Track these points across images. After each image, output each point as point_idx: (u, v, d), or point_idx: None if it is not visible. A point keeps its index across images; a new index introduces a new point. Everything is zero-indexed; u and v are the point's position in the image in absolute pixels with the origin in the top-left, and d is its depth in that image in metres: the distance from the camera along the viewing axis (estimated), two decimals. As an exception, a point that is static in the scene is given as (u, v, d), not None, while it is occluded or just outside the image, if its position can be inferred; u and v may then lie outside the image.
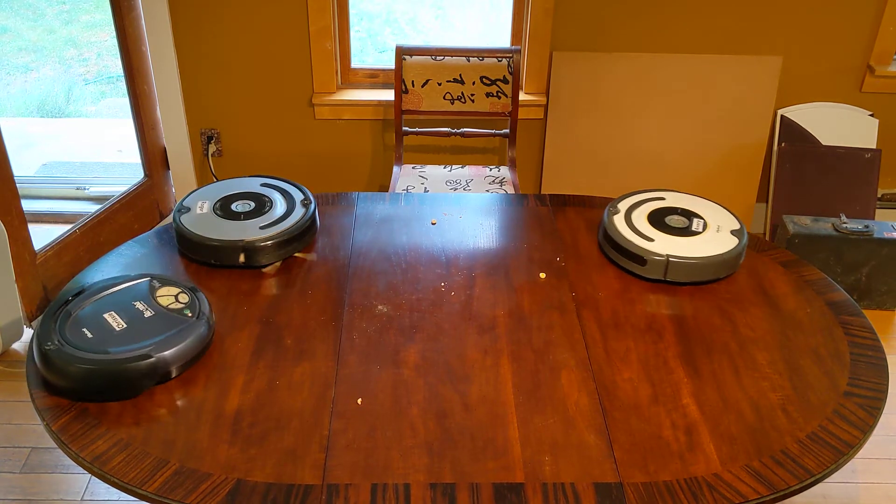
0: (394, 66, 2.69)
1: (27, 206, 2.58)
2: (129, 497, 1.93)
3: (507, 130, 2.75)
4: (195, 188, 3.11)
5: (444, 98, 2.70)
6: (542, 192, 2.80)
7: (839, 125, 2.94)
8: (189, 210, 1.82)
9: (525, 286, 1.71)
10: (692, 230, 1.77)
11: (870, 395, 1.43)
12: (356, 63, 2.99)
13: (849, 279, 2.72)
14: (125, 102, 4.77)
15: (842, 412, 1.40)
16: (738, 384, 1.45)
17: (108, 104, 4.80)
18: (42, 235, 2.64)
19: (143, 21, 2.80)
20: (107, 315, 1.45)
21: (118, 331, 1.42)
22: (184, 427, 1.33)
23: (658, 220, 1.81)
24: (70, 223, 2.85)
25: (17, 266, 2.45)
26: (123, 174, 3.57)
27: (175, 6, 2.77)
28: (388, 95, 2.93)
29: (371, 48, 5.23)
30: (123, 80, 3.28)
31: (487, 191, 2.60)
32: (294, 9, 2.78)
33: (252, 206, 1.82)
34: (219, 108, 2.97)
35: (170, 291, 1.52)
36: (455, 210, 2.00)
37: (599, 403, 1.40)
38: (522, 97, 2.92)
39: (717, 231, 1.77)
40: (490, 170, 2.75)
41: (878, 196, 3.12)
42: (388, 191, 2.87)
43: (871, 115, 2.94)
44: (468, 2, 5.66)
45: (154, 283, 1.54)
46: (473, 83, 2.68)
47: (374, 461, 1.28)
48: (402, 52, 2.66)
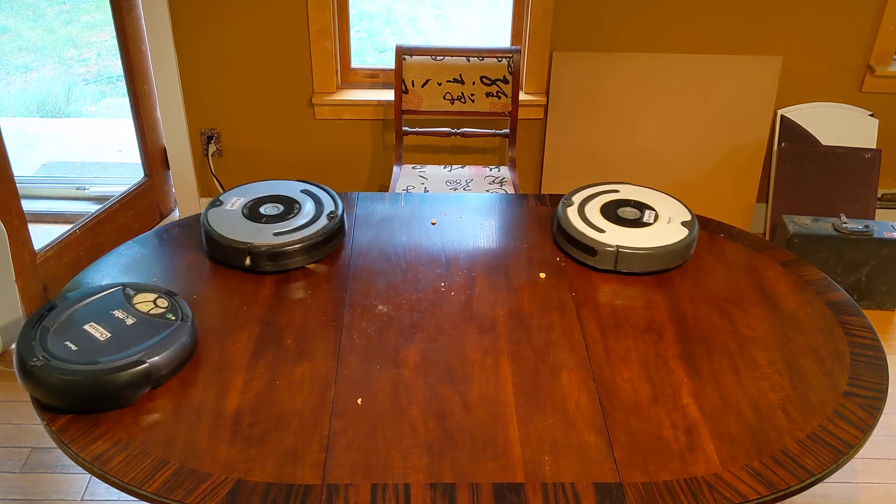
0: (394, 66, 2.69)
1: (27, 206, 2.58)
2: (129, 497, 1.93)
3: (507, 130, 2.75)
4: (195, 188, 3.11)
5: (444, 98, 2.70)
6: (542, 192, 2.80)
7: (839, 125, 2.94)
8: (222, 204, 1.82)
9: (525, 286, 1.71)
10: (643, 221, 1.81)
11: (870, 395, 1.43)
12: (356, 63, 2.99)
13: (849, 279, 2.72)
14: (125, 102, 4.77)
15: (842, 412, 1.40)
16: (738, 384, 1.45)
17: (108, 104, 4.80)
18: (42, 235, 2.64)
19: (143, 21, 2.80)
20: (87, 327, 1.43)
21: (103, 340, 1.40)
22: (184, 427, 1.33)
23: (611, 213, 1.85)
24: (70, 223, 2.85)
25: (17, 266, 2.45)
26: (123, 174, 3.57)
27: (175, 6, 2.77)
28: (388, 95, 2.93)
29: (371, 48, 5.23)
30: (123, 80, 3.29)
31: (487, 191, 2.60)
32: (294, 9, 2.78)
33: (279, 211, 1.81)
34: (219, 108, 2.97)
35: (146, 298, 1.51)
36: (455, 210, 2.00)
37: (599, 403, 1.40)
38: (522, 97, 2.92)
39: (668, 222, 1.81)
40: (490, 170, 2.75)
41: (878, 196, 3.12)
42: (388, 191, 2.87)
43: (871, 115, 2.94)
44: (468, 2, 5.66)
45: (128, 291, 1.52)
46: (473, 83, 2.68)
47: (374, 461, 1.28)
48: (402, 52, 2.66)
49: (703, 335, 1.57)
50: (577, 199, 1.89)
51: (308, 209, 1.82)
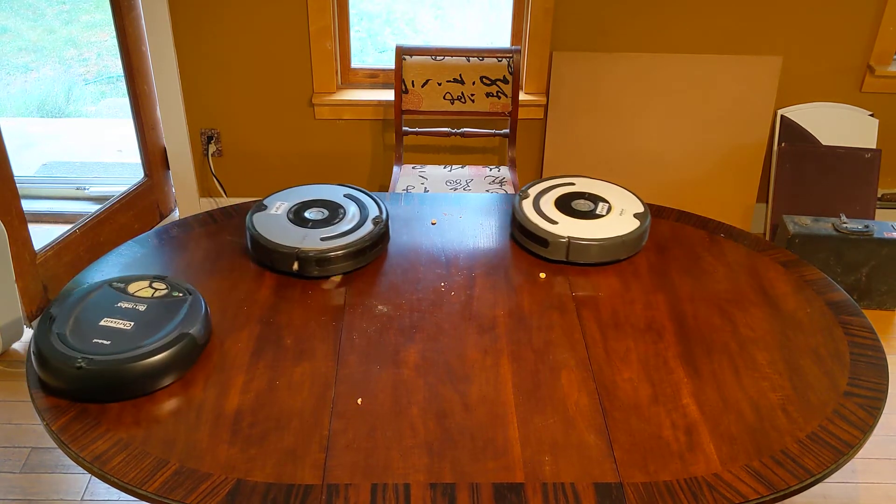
0: (394, 66, 2.69)
1: (27, 206, 2.58)
2: (129, 497, 1.93)
3: (507, 130, 2.75)
4: (195, 188, 3.11)
5: (444, 98, 2.70)
6: (542, 192, 2.79)
7: (839, 125, 2.94)
8: (266, 208, 1.81)
9: (525, 286, 1.71)
10: (596, 213, 1.84)
11: (870, 395, 1.43)
12: (356, 63, 2.99)
13: (849, 279, 2.72)
14: (125, 102, 4.77)
15: (842, 412, 1.40)
16: (738, 384, 1.45)
17: (108, 104, 4.80)
18: (42, 235, 2.64)
19: (143, 21, 2.80)
20: (103, 323, 1.42)
21: (130, 329, 1.41)
22: (184, 427, 1.33)
23: (565, 205, 1.88)
24: (70, 223, 2.85)
25: (17, 266, 2.45)
26: (123, 174, 3.57)
27: (175, 6, 2.77)
28: (388, 95, 2.93)
29: (371, 48, 5.23)
30: (123, 80, 3.29)
31: (487, 191, 2.60)
32: (294, 9, 2.78)
33: (324, 215, 1.80)
34: (219, 108, 2.97)
35: (141, 285, 1.52)
36: (455, 210, 2.00)
37: (599, 403, 1.40)
38: (522, 97, 2.92)
39: (621, 214, 1.84)
40: (490, 170, 2.75)
41: (878, 196, 3.12)
42: (388, 191, 2.87)
43: (871, 115, 2.94)
44: (468, 2, 5.66)
45: (117, 284, 1.52)
46: (473, 83, 2.68)
47: (374, 461, 1.28)
48: (402, 52, 2.66)
49: (703, 335, 1.57)
50: (533, 192, 1.92)
51: (352, 214, 1.81)
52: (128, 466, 1.26)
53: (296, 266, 1.68)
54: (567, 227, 1.79)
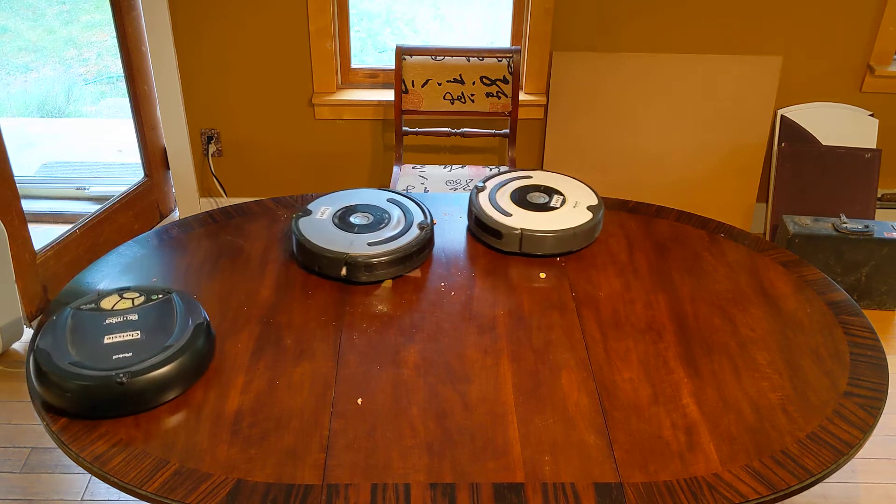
0: (394, 66, 2.69)
1: (27, 206, 2.58)
2: (129, 497, 1.93)
3: (507, 130, 2.75)
4: (195, 188, 3.11)
5: (444, 98, 2.70)
6: (542, 192, 2.79)
7: (839, 125, 2.94)
8: (310, 213, 1.81)
9: (525, 286, 1.71)
10: (550, 206, 1.87)
11: (870, 395, 1.43)
12: (356, 63, 2.99)
13: (849, 279, 2.72)
14: (125, 102, 4.77)
15: (842, 412, 1.40)
16: (738, 384, 1.45)
17: (108, 104, 4.80)
18: (42, 235, 2.64)
19: (143, 21, 2.80)
20: (108, 341, 1.39)
21: (142, 337, 1.39)
22: (184, 427, 1.33)
23: (520, 198, 1.90)
24: (70, 223, 2.85)
25: (17, 266, 2.45)
26: (123, 174, 3.57)
27: (175, 6, 2.77)
28: (388, 95, 2.93)
29: (371, 48, 5.23)
30: (123, 80, 3.29)
31: (487, 191, 2.60)
32: (294, 9, 2.78)
33: (369, 221, 1.79)
34: (219, 108, 2.97)
35: (112, 300, 1.48)
36: (455, 210, 2.00)
37: (599, 403, 1.40)
38: (522, 97, 2.92)
39: (574, 206, 1.87)
40: (490, 170, 2.75)
41: (878, 196, 3.12)
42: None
43: (871, 115, 2.94)
44: (468, 2, 5.66)
45: (86, 306, 1.46)
46: (473, 83, 2.68)
47: (374, 461, 1.28)
48: (402, 52, 2.66)
49: (704, 335, 1.57)
50: (490, 185, 1.94)
51: (397, 219, 1.80)
52: (128, 466, 1.26)
53: (344, 271, 1.67)
54: (521, 220, 1.81)
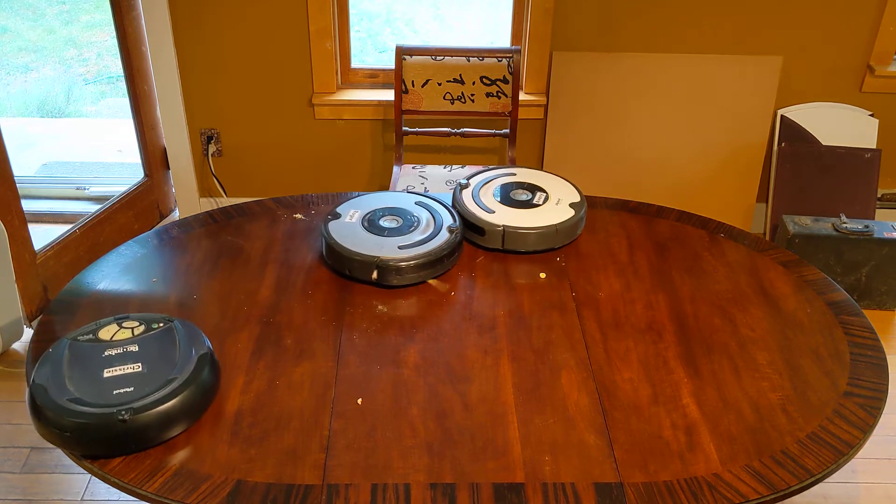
0: (394, 66, 2.69)
1: (27, 206, 2.58)
2: (129, 497, 1.93)
3: (507, 130, 2.75)
4: (195, 188, 3.11)
5: (444, 98, 2.70)
6: (542, 192, 2.79)
7: (839, 125, 2.94)
8: (339, 217, 1.81)
9: (525, 286, 1.71)
10: (533, 203, 1.88)
11: (870, 395, 1.43)
12: (356, 63, 2.99)
13: (849, 279, 2.72)
14: (125, 102, 4.77)
15: (842, 412, 1.40)
16: (738, 384, 1.45)
17: (108, 104, 4.80)
18: (42, 235, 2.64)
19: (143, 21, 2.80)
20: (108, 374, 1.32)
21: (144, 370, 1.33)
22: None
23: (504, 195, 1.91)
24: (70, 223, 2.85)
25: (17, 266, 2.45)
26: (123, 174, 3.57)
27: (175, 6, 2.77)
28: (388, 95, 2.93)
29: (371, 48, 5.23)
30: (123, 80, 3.29)
31: (487, 191, 2.60)
32: (294, 9, 2.78)
33: (398, 224, 1.79)
34: (219, 108, 2.97)
35: (111, 329, 1.42)
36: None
37: (599, 403, 1.40)
38: (522, 97, 2.91)
39: (557, 204, 1.88)
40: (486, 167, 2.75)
41: (878, 196, 3.12)
42: (388, 191, 2.86)
43: (871, 115, 2.94)
44: (468, 2, 5.66)
45: (83, 337, 1.40)
46: (473, 83, 2.68)
47: (374, 461, 1.28)
48: (402, 52, 2.65)
49: (704, 335, 1.57)
50: (474, 182, 1.95)
51: (426, 222, 1.80)
52: (128, 467, 1.26)
53: (375, 275, 1.67)
54: (503, 217, 1.82)
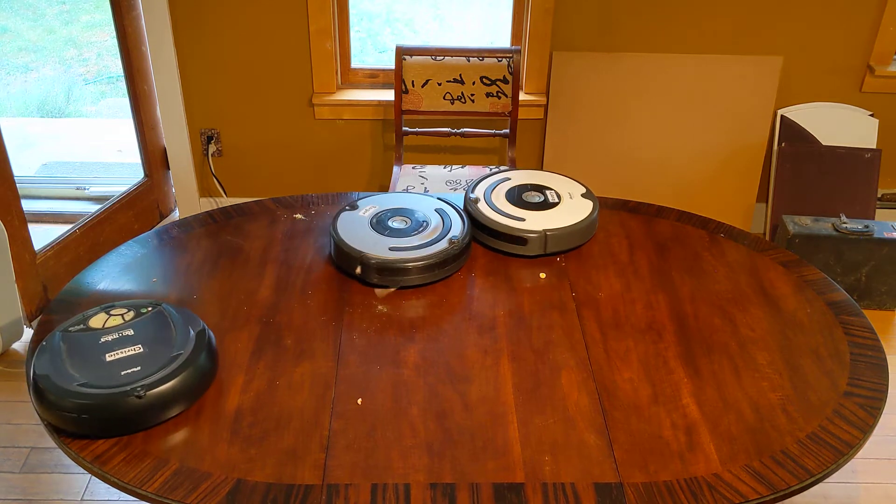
0: (394, 66, 2.69)
1: (27, 206, 2.58)
2: (129, 497, 1.93)
3: (507, 130, 2.75)
4: (195, 188, 3.11)
5: (444, 98, 2.70)
6: (542, 192, 2.79)
7: (839, 125, 2.94)
8: (356, 209, 1.81)
9: (525, 286, 1.71)
10: (550, 202, 1.87)
11: (870, 395, 1.43)
12: (356, 63, 2.99)
13: (849, 279, 2.72)
14: (125, 102, 4.77)
15: (842, 412, 1.40)
16: (738, 384, 1.45)
17: (108, 104, 4.80)
18: (42, 235, 2.64)
19: (143, 21, 2.80)
20: (110, 357, 1.34)
21: (145, 350, 1.36)
22: (183, 427, 1.33)
23: (518, 200, 1.89)
24: (70, 223, 2.85)
25: (17, 266, 2.45)
26: (123, 174, 3.57)
27: (175, 6, 2.77)
28: (388, 95, 2.93)
29: (371, 48, 5.23)
30: (123, 80, 3.29)
31: (487, 191, 2.60)
32: (294, 9, 2.78)
33: (406, 225, 1.77)
34: (219, 108, 2.97)
35: (101, 318, 1.43)
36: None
37: (599, 403, 1.40)
38: (522, 97, 2.92)
39: (571, 198, 1.88)
40: (489, 169, 2.75)
41: (878, 196, 3.12)
42: (388, 191, 2.87)
43: (871, 115, 2.94)
44: (468, 2, 5.66)
45: (73, 328, 1.41)
46: (473, 83, 2.68)
47: (374, 461, 1.28)
48: (402, 52, 2.65)
49: (704, 335, 1.57)
50: (480, 193, 1.91)
51: (433, 229, 1.77)
52: (128, 466, 1.26)
53: (358, 270, 1.67)
54: (536, 221, 1.81)
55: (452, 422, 1.36)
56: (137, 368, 1.33)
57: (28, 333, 2.53)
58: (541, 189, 1.92)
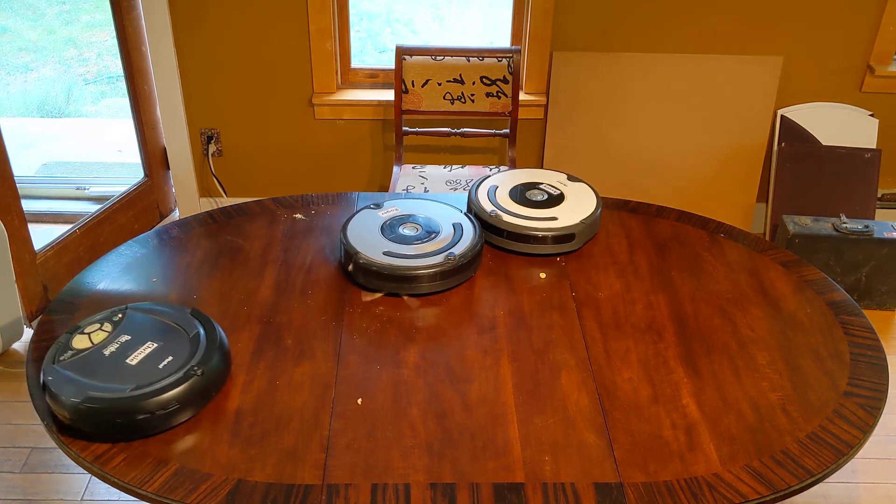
0: (394, 66, 2.69)
1: (27, 206, 2.58)
2: (129, 497, 1.93)
3: (507, 130, 2.75)
4: (195, 188, 3.11)
5: (444, 98, 2.70)
6: (542, 192, 2.79)
7: (839, 125, 2.94)
8: (379, 208, 1.81)
9: (525, 286, 1.71)
10: (556, 197, 1.87)
11: (870, 395, 1.43)
12: (356, 63, 2.99)
13: (849, 279, 2.72)
14: (125, 102, 4.77)
15: (842, 412, 1.40)
16: (738, 384, 1.45)
17: (108, 104, 4.80)
18: (42, 235, 2.64)
19: (143, 21, 2.80)
20: (130, 361, 1.35)
21: (163, 344, 1.38)
22: (183, 427, 1.33)
23: (523, 200, 1.88)
24: (70, 223, 2.85)
25: (17, 266, 2.45)
26: (123, 174, 3.57)
27: (175, 6, 2.77)
28: (388, 95, 2.93)
29: (371, 48, 5.23)
30: (123, 80, 3.29)
31: (487, 191, 2.60)
32: (294, 9, 2.78)
33: (416, 233, 1.74)
34: (219, 108, 2.97)
35: (82, 339, 1.39)
36: (455, 210, 1.99)
37: (599, 403, 1.40)
38: (522, 97, 2.92)
39: (565, 186, 1.90)
40: (490, 170, 2.75)
41: (878, 196, 3.12)
42: (388, 191, 2.87)
43: (871, 115, 2.94)
44: (467, 2, 5.66)
45: (62, 357, 1.37)
46: (473, 83, 2.68)
47: (374, 461, 1.28)
48: (402, 52, 2.65)
49: (704, 335, 1.57)
50: (483, 202, 1.86)
51: (441, 240, 1.72)
52: (128, 466, 1.26)
53: (351, 268, 1.68)
54: (563, 215, 1.82)
55: (452, 422, 1.36)
56: (171, 358, 1.35)
57: (28, 333, 2.53)
58: (534, 186, 1.92)
